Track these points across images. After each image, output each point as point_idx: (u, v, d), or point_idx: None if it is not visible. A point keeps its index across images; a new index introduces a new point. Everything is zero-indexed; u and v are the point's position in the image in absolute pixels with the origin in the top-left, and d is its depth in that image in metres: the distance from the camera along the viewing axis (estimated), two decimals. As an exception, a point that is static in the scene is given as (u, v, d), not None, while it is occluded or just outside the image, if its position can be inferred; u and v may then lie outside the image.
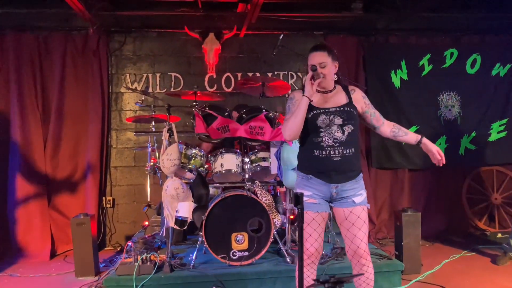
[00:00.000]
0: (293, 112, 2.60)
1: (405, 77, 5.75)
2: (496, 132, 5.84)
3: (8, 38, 5.22)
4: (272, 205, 3.97)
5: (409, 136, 2.83)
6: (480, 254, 4.82)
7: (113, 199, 5.51)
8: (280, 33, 4.38)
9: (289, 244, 4.09)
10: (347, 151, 2.61)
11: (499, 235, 5.50)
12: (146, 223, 5.26)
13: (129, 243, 4.23)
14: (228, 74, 5.68)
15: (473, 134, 5.81)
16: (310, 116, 2.60)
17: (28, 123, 5.18)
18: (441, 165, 2.72)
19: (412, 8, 5.28)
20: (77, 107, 5.35)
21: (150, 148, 4.58)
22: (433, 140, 5.81)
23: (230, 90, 5.67)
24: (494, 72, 5.86)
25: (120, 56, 5.56)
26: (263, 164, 4.13)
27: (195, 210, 3.87)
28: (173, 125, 3.84)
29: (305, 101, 2.57)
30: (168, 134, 3.80)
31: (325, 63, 2.63)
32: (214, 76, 5.64)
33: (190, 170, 4.09)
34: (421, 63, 5.80)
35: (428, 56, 5.78)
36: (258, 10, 4.72)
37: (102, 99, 5.38)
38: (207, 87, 5.65)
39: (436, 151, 2.73)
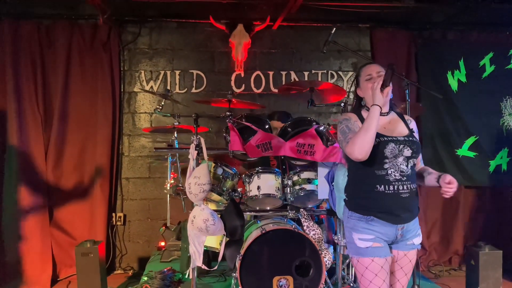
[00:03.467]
0: (363, 127, 2.17)
1: (463, 79, 4.96)
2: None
3: (4, 27, 4.47)
4: (322, 240, 3.22)
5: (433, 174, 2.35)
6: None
7: (124, 215, 4.78)
8: (330, 26, 3.62)
9: (340, 284, 3.37)
10: (413, 186, 2.27)
11: None
12: (162, 243, 4.57)
13: (145, 278, 3.55)
14: (258, 72, 4.90)
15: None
16: (375, 143, 2.20)
17: (27, 127, 4.45)
18: (446, 196, 2.21)
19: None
20: (84, 109, 4.61)
21: (170, 161, 3.82)
22: (494, 153, 5.22)
23: (260, 91, 4.90)
24: None
25: (134, 50, 4.79)
26: (308, 187, 3.36)
27: (227, 246, 3.14)
28: (202, 140, 3.09)
29: (377, 112, 2.17)
30: (196, 151, 3.06)
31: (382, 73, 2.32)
32: (242, 75, 4.86)
33: (220, 193, 3.35)
34: (482, 63, 5.00)
35: (491, 55, 4.98)
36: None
37: (113, 99, 4.64)
38: (234, 87, 4.87)
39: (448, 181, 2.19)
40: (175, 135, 3.75)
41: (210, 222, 2.99)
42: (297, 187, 3.37)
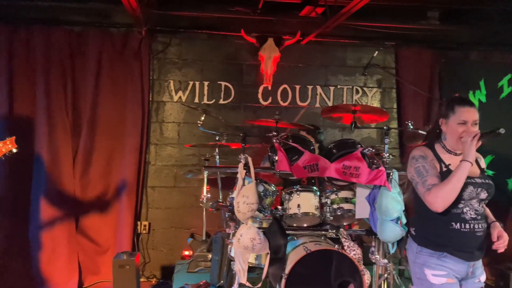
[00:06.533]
0: (450, 183, 2.13)
1: (483, 99, 5.09)
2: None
3: (35, 33, 4.45)
4: (361, 260, 3.30)
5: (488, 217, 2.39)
6: None
7: (149, 224, 4.81)
8: (356, 43, 3.69)
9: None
10: (485, 224, 2.28)
11: None
12: (186, 252, 4.62)
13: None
14: (285, 85, 4.97)
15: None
16: None
17: (55, 135, 4.45)
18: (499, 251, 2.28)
19: (496, 20, 4.59)
20: (113, 117, 4.62)
21: (206, 176, 3.85)
22: (510, 174, 5.35)
23: (286, 104, 4.96)
24: None
25: (163, 59, 4.81)
26: (346, 206, 3.44)
27: (271, 264, 3.20)
28: (250, 160, 3.15)
29: (467, 169, 2.13)
30: (244, 170, 3.11)
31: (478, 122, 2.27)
32: (270, 88, 4.92)
33: (260, 211, 3.40)
34: (500, 84, 5.13)
35: (509, 76, 5.13)
36: (344, 18, 3.98)
37: (142, 108, 4.66)
38: (261, 100, 4.93)
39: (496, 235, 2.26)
40: (217, 150, 3.79)
41: (256, 241, 3.05)
42: (335, 206, 3.45)
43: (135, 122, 4.63)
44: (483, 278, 2.31)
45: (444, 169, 2.24)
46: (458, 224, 2.20)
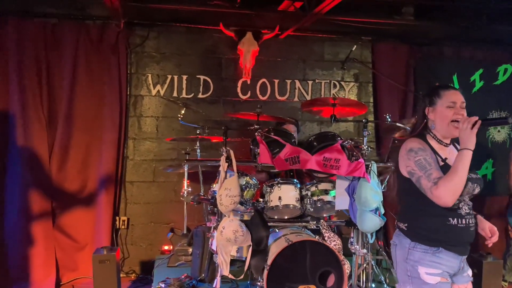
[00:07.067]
0: (457, 173, 2.02)
1: (456, 93, 5.22)
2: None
3: (9, 25, 4.33)
4: (341, 250, 3.37)
5: None
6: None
7: (128, 219, 4.76)
8: (333, 37, 3.71)
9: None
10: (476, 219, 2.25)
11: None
12: (166, 247, 4.60)
13: (162, 285, 3.59)
14: (264, 80, 4.99)
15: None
16: None
17: (30, 128, 4.35)
18: (489, 244, 2.31)
19: (468, 17, 4.74)
20: (90, 111, 4.55)
21: (187, 170, 3.84)
22: (479, 164, 5.53)
23: (265, 98, 4.99)
24: (548, 92, 5.43)
25: (141, 53, 4.76)
26: (326, 198, 3.50)
27: (253, 256, 3.22)
28: (232, 153, 3.16)
29: (470, 156, 2.04)
30: (226, 163, 3.12)
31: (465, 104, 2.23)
32: (249, 82, 4.93)
33: (242, 203, 3.42)
34: (472, 78, 5.31)
35: (481, 71, 5.30)
36: (322, 13, 4.03)
37: (119, 102, 4.60)
38: (240, 94, 4.94)
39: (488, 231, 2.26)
40: (197, 144, 3.78)
41: (239, 233, 3.07)
42: (315, 198, 3.50)
43: (113, 116, 4.57)
44: (470, 272, 2.29)
45: (442, 163, 2.16)
46: (456, 219, 2.13)
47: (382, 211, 3.28)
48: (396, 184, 2.33)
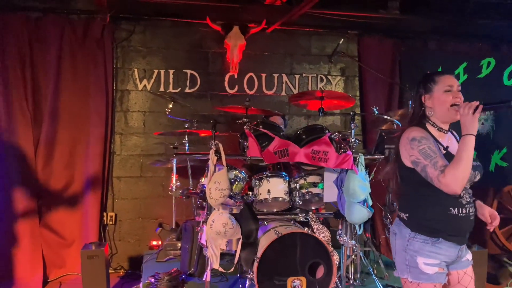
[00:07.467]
0: (462, 160, 1.98)
1: (440, 87, 5.30)
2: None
3: (-11, 19, 4.26)
4: (330, 241, 3.40)
5: None
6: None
7: (115, 215, 4.73)
8: (320, 31, 3.69)
9: (344, 282, 3.56)
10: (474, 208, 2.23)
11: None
12: (154, 242, 4.59)
13: (151, 280, 3.58)
14: (251, 74, 4.99)
15: (504, 150, 5.49)
16: None
17: (15, 125, 4.29)
18: (491, 229, 2.29)
19: (452, 11, 4.80)
20: (76, 106, 4.49)
21: (175, 164, 3.83)
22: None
23: (253, 92, 4.99)
24: (531, 85, 5.54)
25: (127, 47, 4.71)
26: (315, 190, 3.53)
27: (243, 248, 3.24)
28: (221, 146, 3.17)
29: (473, 142, 2.00)
30: (216, 157, 3.13)
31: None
32: (236, 76, 4.93)
33: (231, 197, 3.43)
34: (456, 72, 5.36)
35: (465, 64, 5.37)
36: (308, 7, 4.04)
37: (106, 97, 4.55)
38: (227, 88, 4.94)
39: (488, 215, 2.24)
40: (186, 138, 3.77)
41: (229, 226, 3.08)
42: (303, 191, 3.53)
43: (99, 111, 4.52)
44: (469, 256, 2.29)
45: (444, 151, 2.13)
46: (456, 209, 2.12)
47: (370, 202, 3.32)
48: (397, 174, 2.29)
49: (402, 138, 2.21)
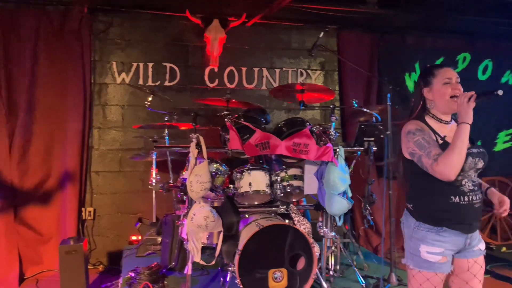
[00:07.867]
0: (456, 147, 2.04)
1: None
2: (502, 142, 5.68)
3: (-38, 10, 4.13)
4: (311, 233, 3.42)
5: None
6: (496, 278, 4.54)
7: (94, 210, 4.66)
8: (301, 25, 3.70)
9: (324, 273, 3.60)
10: (481, 195, 2.25)
11: (504, 249, 5.38)
12: (134, 237, 4.55)
13: (132, 274, 3.54)
14: (232, 67, 4.97)
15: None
16: None
17: (-12, 119, 4.18)
18: (504, 214, 2.25)
19: (431, 7, 4.88)
20: (53, 100, 4.41)
21: (155, 158, 3.79)
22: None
23: (233, 86, 4.97)
24: (503, 80, 5.69)
25: (105, 40, 4.64)
26: (295, 183, 3.55)
27: (224, 241, 3.23)
28: (202, 139, 3.15)
29: (468, 132, 2.05)
30: (197, 150, 3.11)
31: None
32: (216, 70, 4.90)
33: (212, 190, 3.42)
34: (433, 66, 5.45)
35: (441, 59, 5.46)
36: (288, 0, 4.04)
37: (83, 91, 4.48)
38: (208, 82, 4.91)
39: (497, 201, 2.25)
40: (166, 131, 3.73)
41: (210, 219, 3.07)
42: (284, 183, 3.54)
43: (77, 105, 4.44)
44: (482, 246, 2.29)
45: (441, 141, 2.17)
46: (458, 197, 2.15)
47: (350, 194, 3.35)
48: (402, 167, 2.35)
49: (402, 133, 2.28)
